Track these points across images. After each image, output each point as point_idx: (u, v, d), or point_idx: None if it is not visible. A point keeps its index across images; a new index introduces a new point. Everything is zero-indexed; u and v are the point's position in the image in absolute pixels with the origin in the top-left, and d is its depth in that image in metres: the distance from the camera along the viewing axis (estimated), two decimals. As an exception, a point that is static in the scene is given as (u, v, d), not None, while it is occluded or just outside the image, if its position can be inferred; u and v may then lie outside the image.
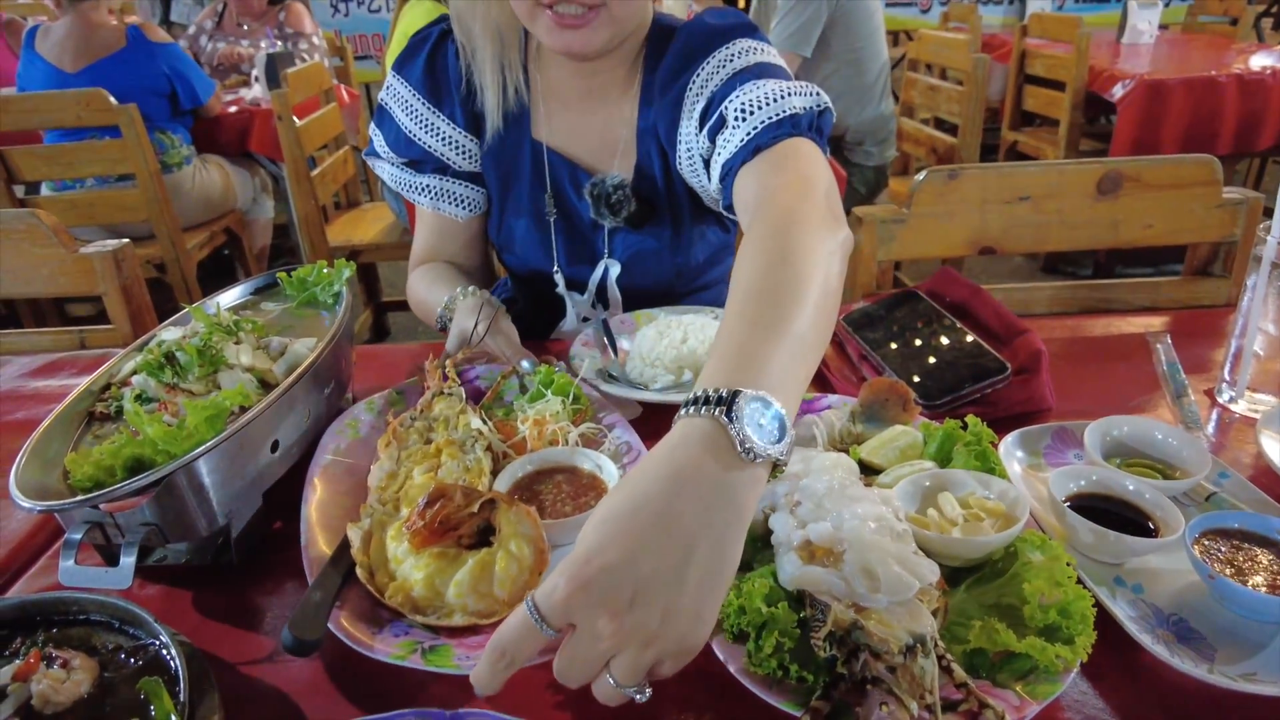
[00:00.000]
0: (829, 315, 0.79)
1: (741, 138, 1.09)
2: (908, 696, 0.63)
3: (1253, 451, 1.07)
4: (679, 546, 0.59)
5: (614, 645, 0.58)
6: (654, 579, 0.58)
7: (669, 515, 0.60)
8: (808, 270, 0.78)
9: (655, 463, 0.64)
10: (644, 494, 0.61)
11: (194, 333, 1.05)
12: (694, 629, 0.59)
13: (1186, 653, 0.74)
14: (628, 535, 0.59)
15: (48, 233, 1.46)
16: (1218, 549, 0.82)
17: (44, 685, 0.71)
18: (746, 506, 0.63)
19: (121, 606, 0.80)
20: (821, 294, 0.78)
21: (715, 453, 0.63)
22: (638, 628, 0.57)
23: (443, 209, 1.42)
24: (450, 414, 0.99)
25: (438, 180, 1.40)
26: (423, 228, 1.48)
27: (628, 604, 0.57)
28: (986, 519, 0.83)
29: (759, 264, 0.80)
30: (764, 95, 1.11)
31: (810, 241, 0.83)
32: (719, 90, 1.18)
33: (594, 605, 0.58)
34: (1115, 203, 1.49)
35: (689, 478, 0.62)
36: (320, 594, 0.80)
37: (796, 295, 0.75)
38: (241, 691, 0.78)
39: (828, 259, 0.82)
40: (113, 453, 0.84)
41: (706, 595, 0.60)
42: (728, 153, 1.12)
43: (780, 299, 0.75)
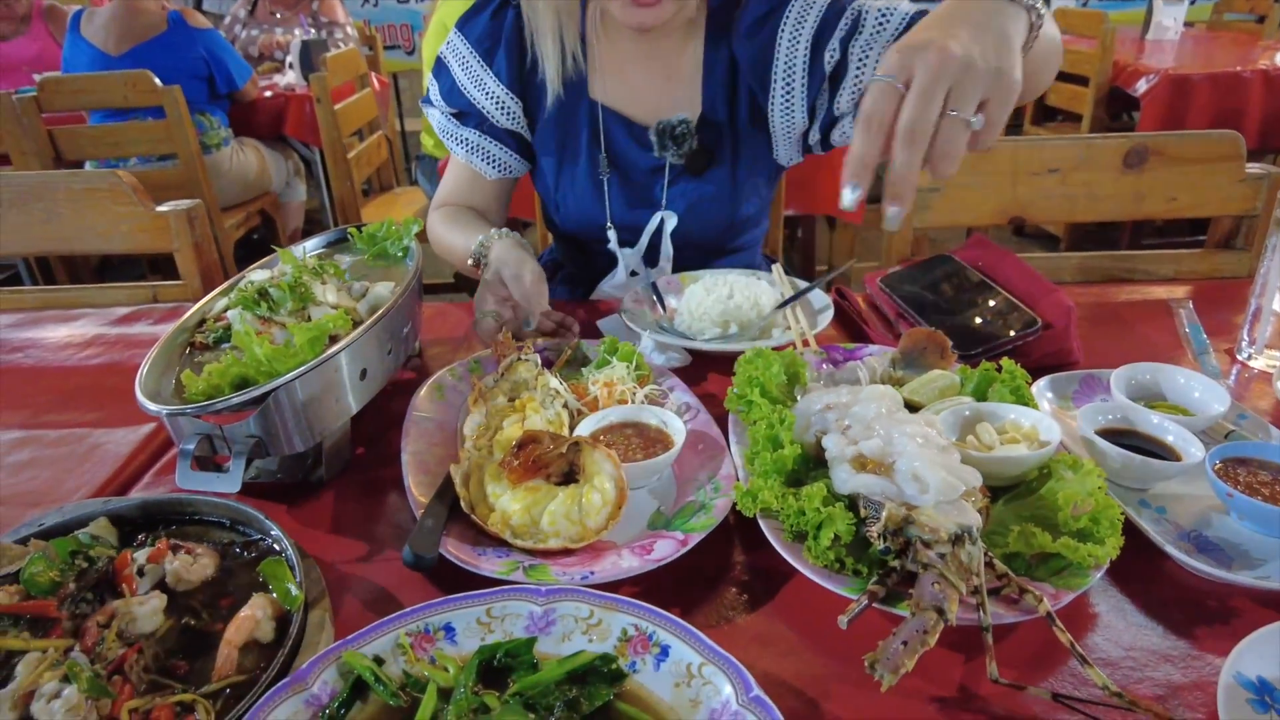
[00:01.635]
0: (1050, 34, 1.04)
1: (895, 28, 1.27)
2: (957, 578, 0.71)
3: (1271, 402, 1.13)
4: (978, 26, 0.81)
5: (955, 74, 0.77)
6: (966, 38, 0.78)
7: (968, 13, 0.83)
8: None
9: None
10: (948, 6, 0.85)
11: (283, 273, 1.13)
12: (1005, 69, 0.80)
13: (1206, 559, 0.81)
14: (941, 22, 0.82)
15: (129, 192, 1.55)
16: (1236, 474, 0.89)
17: (176, 565, 0.79)
18: (1015, 30, 0.85)
19: (234, 506, 0.88)
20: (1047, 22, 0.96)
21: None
22: (963, 62, 0.77)
23: (474, 163, 1.52)
24: (529, 376, 1.08)
25: (477, 135, 1.50)
26: (452, 175, 1.59)
27: (952, 49, 0.77)
28: (1023, 442, 0.90)
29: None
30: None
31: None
32: (825, 11, 1.32)
33: (924, 50, 0.77)
34: (1141, 176, 1.55)
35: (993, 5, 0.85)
36: (432, 521, 0.88)
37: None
38: (344, 583, 0.86)
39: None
40: (220, 372, 0.93)
41: (1005, 54, 0.81)
42: (883, 43, 1.27)
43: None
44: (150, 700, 0.66)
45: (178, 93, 3.33)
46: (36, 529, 0.85)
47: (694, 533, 0.84)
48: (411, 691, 0.67)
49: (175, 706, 0.67)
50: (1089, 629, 0.77)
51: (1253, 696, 0.65)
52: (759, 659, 0.74)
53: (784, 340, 1.26)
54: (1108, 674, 0.70)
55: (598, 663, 0.68)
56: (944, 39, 0.78)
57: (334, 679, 0.67)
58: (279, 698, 0.65)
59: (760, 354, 1.08)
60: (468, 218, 1.52)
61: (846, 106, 1.35)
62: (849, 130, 1.36)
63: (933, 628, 0.68)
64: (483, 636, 0.72)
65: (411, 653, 0.70)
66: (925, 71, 0.77)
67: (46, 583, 0.74)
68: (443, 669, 0.68)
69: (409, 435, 1.05)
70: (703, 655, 0.67)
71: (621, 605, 0.72)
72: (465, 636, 0.72)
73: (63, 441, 1.12)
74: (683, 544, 0.82)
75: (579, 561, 0.83)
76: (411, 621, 0.72)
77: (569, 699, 0.66)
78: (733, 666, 0.65)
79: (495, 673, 0.69)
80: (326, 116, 3.37)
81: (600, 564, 0.81)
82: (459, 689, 0.66)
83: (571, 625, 0.72)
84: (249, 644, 0.73)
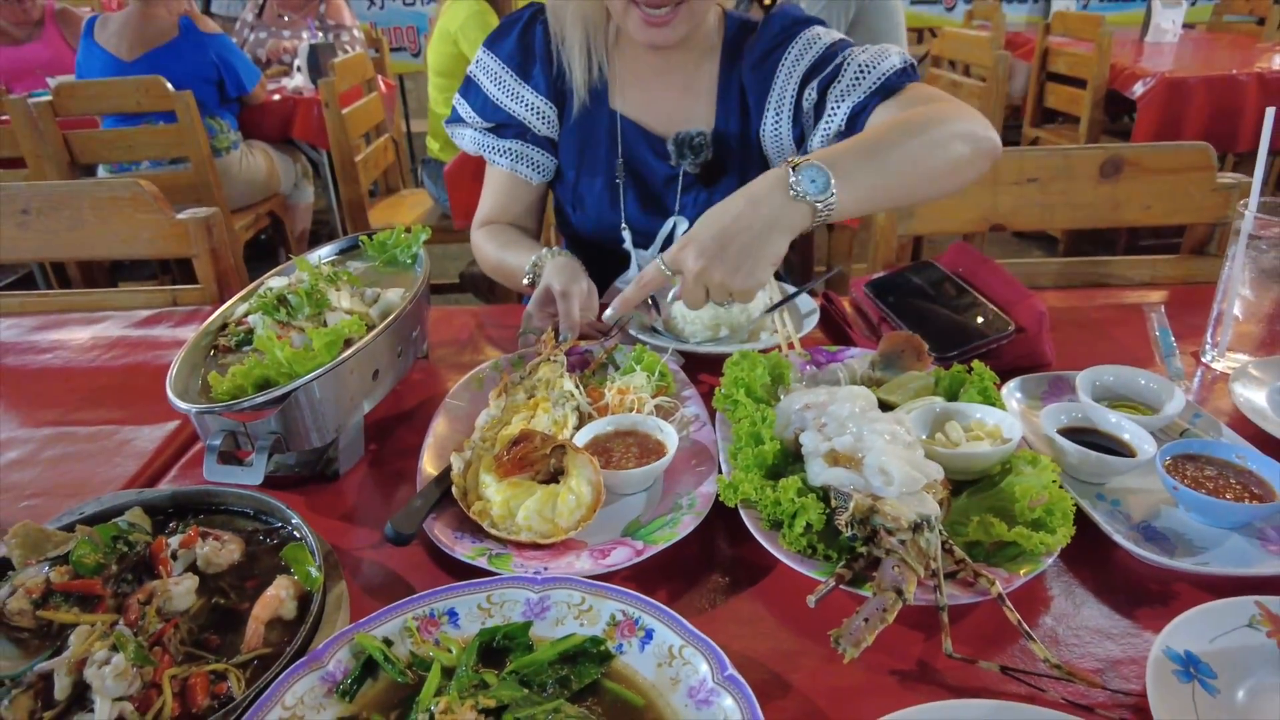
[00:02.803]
0: (923, 160, 1.14)
1: (870, 85, 1.34)
2: (915, 562, 0.78)
3: (1230, 402, 1.20)
4: (744, 229, 1.01)
5: (707, 280, 1.02)
6: (729, 244, 1.00)
7: (740, 213, 1.02)
8: (922, 134, 1.14)
9: (744, 188, 1.05)
10: (730, 202, 1.04)
11: (299, 280, 1.21)
12: (752, 275, 1.02)
13: (1151, 548, 0.88)
14: (715, 222, 1.02)
15: (150, 200, 1.63)
16: (1185, 469, 0.96)
17: (206, 550, 0.87)
18: (788, 225, 1.03)
19: (257, 496, 0.96)
20: (921, 145, 1.13)
21: (779, 187, 1.03)
22: (717, 270, 1.01)
23: (519, 171, 1.60)
24: (551, 377, 1.15)
25: (519, 145, 1.59)
26: (493, 190, 1.66)
27: (713, 255, 1.00)
28: (986, 439, 0.97)
29: (895, 122, 1.18)
30: (877, 52, 1.37)
31: (942, 121, 1.17)
32: (822, 53, 1.42)
33: (695, 256, 1.01)
34: (1117, 186, 1.62)
35: (757, 196, 1.03)
36: (421, 501, 0.96)
37: (896, 138, 1.13)
38: (358, 567, 0.94)
39: (950, 136, 1.16)
40: (244, 373, 1.00)
41: (759, 260, 1.01)
42: (855, 96, 1.36)
43: (880, 136, 1.13)
44: (188, 669, 0.74)
45: (189, 98, 3.41)
46: (78, 517, 0.92)
47: (653, 544, 0.89)
48: (418, 670, 0.75)
49: (210, 675, 0.74)
50: (1041, 610, 0.84)
51: (1178, 668, 0.72)
52: (736, 639, 0.81)
53: (771, 343, 1.33)
54: (1054, 650, 0.78)
55: (587, 644, 0.75)
56: (699, 260, 1.01)
57: (347, 658, 0.75)
58: (298, 674, 0.72)
59: (746, 356, 1.15)
60: (515, 236, 1.60)
61: (817, 147, 1.44)
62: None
63: (891, 606, 0.75)
64: (483, 620, 0.79)
65: (418, 635, 0.77)
66: (687, 282, 1.04)
67: (93, 564, 0.81)
68: (446, 650, 0.76)
69: (437, 419, 1.12)
70: (683, 638, 0.74)
71: (611, 593, 0.79)
72: (467, 621, 0.79)
73: (94, 438, 1.20)
74: (638, 553, 0.88)
75: (540, 556, 0.89)
76: (418, 607, 0.79)
77: (560, 677, 0.73)
78: (709, 648, 0.73)
79: (494, 653, 0.77)
80: (335, 121, 3.45)
81: (557, 562, 0.88)
82: (461, 667, 0.73)
83: (564, 610, 0.79)
84: (274, 620, 0.80)
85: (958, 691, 0.75)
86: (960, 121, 1.19)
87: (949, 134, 1.16)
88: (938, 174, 1.16)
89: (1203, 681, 0.71)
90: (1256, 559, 0.86)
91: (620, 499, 1.00)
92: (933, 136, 1.15)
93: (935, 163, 1.15)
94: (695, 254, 1.01)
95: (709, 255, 1.01)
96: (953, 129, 1.17)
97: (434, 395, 1.27)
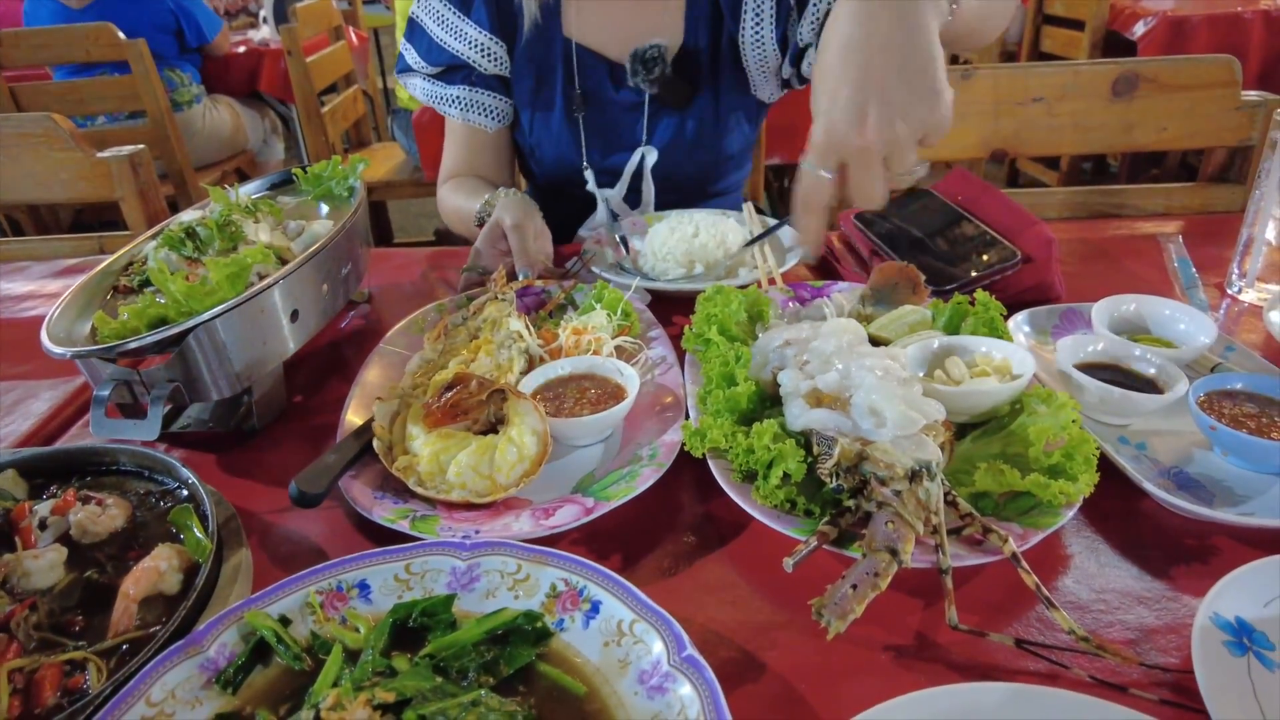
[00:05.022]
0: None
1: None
2: (913, 517, 0.65)
3: (1262, 336, 1.07)
4: (890, 67, 0.74)
5: (888, 135, 0.74)
6: (881, 104, 0.74)
7: (864, 31, 0.75)
8: None
9: (849, 16, 0.77)
10: (839, 28, 0.77)
11: (210, 210, 1.06)
12: (935, 93, 0.75)
13: (1186, 496, 0.75)
14: (846, 61, 0.76)
15: (65, 137, 1.47)
16: (1221, 406, 0.83)
17: (81, 516, 0.74)
18: (932, 31, 0.77)
19: (149, 454, 0.83)
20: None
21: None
22: (886, 142, 0.74)
23: (472, 119, 1.45)
24: (498, 316, 1.01)
25: (467, 91, 1.43)
26: (452, 143, 1.51)
27: (872, 138, 0.74)
28: (993, 375, 0.84)
29: None
30: None
31: None
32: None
33: (851, 118, 0.74)
34: (1130, 105, 1.47)
35: (870, 10, 0.76)
36: (335, 457, 0.83)
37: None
38: (268, 534, 0.81)
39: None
40: (137, 313, 0.86)
41: (925, 88, 0.75)
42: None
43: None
44: (36, 660, 0.61)
45: (143, 46, 3.21)
46: (-64, 482, 0.79)
47: (605, 501, 0.76)
48: (318, 654, 0.62)
49: (64, 665, 0.61)
50: (1060, 571, 0.72)
51: (1229, 638, 0.59)
52: (700, 610, 0.68)
53: (751, 279, 1.20)
54: (1077, 618, 0.65)
55: (521, 621, 0.62)
56: (862, 123, 0.75)
57: (234, 641, 0.62)
58: (170, 661, 0.60)
59: (720, 291, 1.02)
60: (477, 184, 1.46)
61: (808, 36, 1.31)
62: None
63: (884, 570, 0.62)
64: (400, 594, 0.66)
65: (321, 612, 0.64)
66: (857, 166, 0.77)
67: (-72, 536, 0.68)
68: (353, 629, 0.63)
69: (368, 367, 0.99)
70: (635, 611, 0.61)
71: (552, 559, 0.66)
72: (381, 594, 0.66)
73: (-14, 395, 1.07)
74: (587, 512, 0.75)
75: (471, 519, 0.77)
76: (324, 579, 0.66)
77: (485, 661, 0.60)
78: (665, 623, 0.60)
79: (411, 634, 0.64)
80: (298, 69, 3.26)
81: (492, 524, 0.75)
82: (367, 651, 0.61)
83: (497, 581, 0.66)
84: (152, 597, 0.68)
85: (964, 670, 0.62)
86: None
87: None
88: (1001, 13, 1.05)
89: (1259, 654, 0.59)
90: (1309, 507, 0.74)
91: (573, 451, 0.87)
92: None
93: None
94: (850, 116, 0.74)
95: (872, 101, 0.74)
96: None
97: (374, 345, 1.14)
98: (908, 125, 0.74)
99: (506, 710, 0.55)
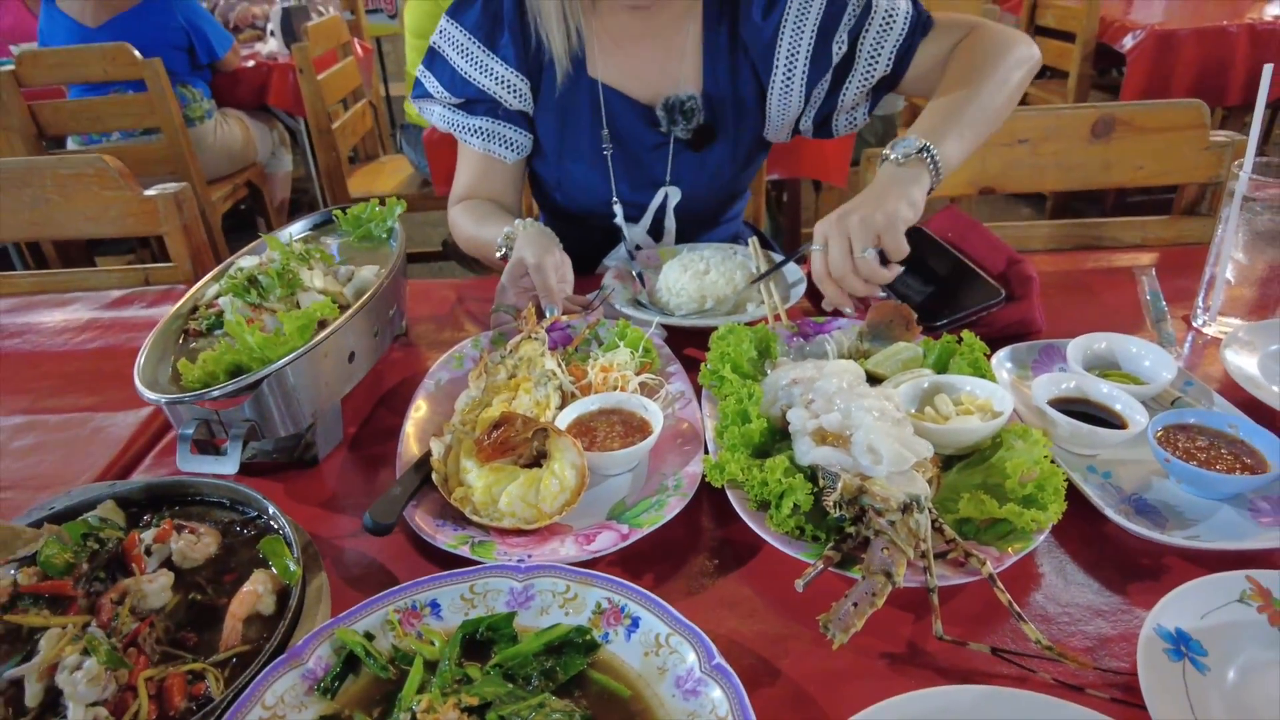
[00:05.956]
0: (997, 107, 1.31)
1: (902, 26, 1.39)
2: (905, 544, 0.76)
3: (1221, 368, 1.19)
4: (880, 194, 1.16)
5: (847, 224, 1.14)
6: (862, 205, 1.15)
7: (878, 189, 1.17)
8: (990, 81, 1.29)
9: (875, 181, 1.20)
10: (865, 192, 1.18)
11: (270, 259, 1.17)
12: (892, 212, 1.13)
13: (1142, 521, 0.87)
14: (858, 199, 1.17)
15: (116, 176, 1.58)
16: (1176, 440, 0.94)
17: (181, 544, 0.85)
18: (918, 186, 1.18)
19: (233, 487, 0.93)
20: (992, 92, 1.29)
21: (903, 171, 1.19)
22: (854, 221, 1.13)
23: (493, 150, 1.53)
24: (533, 355, 1.12)
25: (489, 123, 1.51)
26: (467, 167, 1.58)
27: (848, 219, 1.14)
28: (976, 413, 0.95)
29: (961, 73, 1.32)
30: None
31: (997, 57, 1.31)
32: (826, 4, 1.40)
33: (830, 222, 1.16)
34: (1108, 145, 1.59)
35: (890, 177, 1.18)
36: (400, 489, 0.94)
37: (974, 96, 1.27)
38: (339, 556, 0.92)
39: (1008, 69, 1.31)
40: (215, 359, 0.97)
41: (893, 205, 1.14)
42: (894, 40, 1.40)
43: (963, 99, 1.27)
44: (164, 670, 0.72)
45: (158, 65, 3.31)
46: (47, 512, 0.90)
47: (639, 528, 0.87)
48: (400, 665, 0.73)
49: (187, 675, 0.72)
50: (1032, 587, 0.83)
51: (1168, 646, 0.71)
52: (724, 622, 0.80)
53: (758, 314, 1.31)
54: (1044, 629, 0.77)
55: (573, 634, 0.73)
56: (844, 213, 1.15)
57: (328, 654, 0.73)
58: (277, 672, 0.70)
59: (733, 331, 1.13)
60: (489, 210, 1.53)
61: (854, 98, 1.46)
62: (858, 120, 1.51)
63: (881, 590, 0.74)
64: (466, 612, 0.77)
65: (400, 628, 0.75)
66: (832, 237, 1.15)
67: (62, 564, 0.79)
68: (429, 643, 0.74)
69: (416, 403, 1.10)
70: (670, 626, 0.73)
71: (596, 580, 0.77)
72: (450, 612, 0.77)
73: (65, 426, 1.17)
74: (624, 538, 0.86)
75: (524, 544, 0.88)
76: (400, 599, 0.77)
77: (546, 669, 0.72)
78: (696, 636, 0.71)
79: (478, 645, 0.75)
80: (310, 87, 3.35)
81: (542, 549, 0.86)
82: (444, 661, 0.72)
83: (549, 599, 0.78)
84: (252, 616, 0.79)
85: (948, 674, 0.74)
86: (1009, 50, 1.32)
87: (1007, 69, 1.31)
88: (1007, 110, 1.33)
89: (1193, 659, 0.71)
90: (1248, 532, 0.85)
91: (605, 480, 0.98)
92: (996, 80, 1.29)
93: (1005, 101, 1.31)
94: (834, 217, 1.16)
95: (844, 209, 1.15)
96: (1008, 62, 1.31)
97: (413, 374, 1.25)
98: (865, 218, 1.13)
99: (567, 711, 0.66)
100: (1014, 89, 1.33)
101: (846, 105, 1.48)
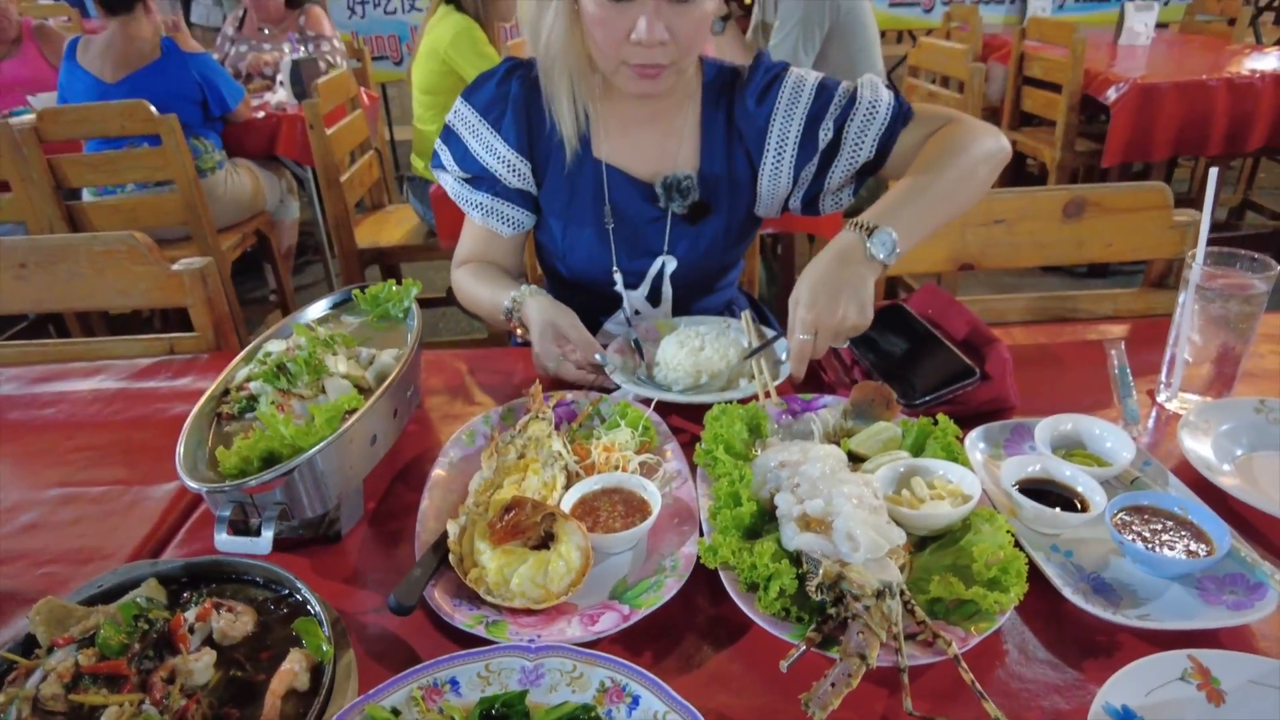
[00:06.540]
0: (959, 194, 1.40)
1: (885, 116, 1.50)
2: (879, 627, 0.85)
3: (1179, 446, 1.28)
4: (840, 290, 1.26)
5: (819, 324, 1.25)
6: (830, 303, 1.25)
7: (829, 270, 1.27)
8: (954, 168, 1.38)
9: (828, 251, 1.29)
10: (823, 268, 1.28)
11: (297, 345, 1.26)
12: (859, 323, 1.27)
13: (1098, 600, 0.95)
14: (812, 279, 1.27)
15: (145, 252, 1.67)
16: (1132, 521, 1.03)
17: (221, 623, 0.93)
18: (868, 279, 1.28)
19: (266, 567, 1.02)
20: (956, 180, 1.38)
21: (856, 249, 1.28)
22: (830, 319, 1.25)
23: (491, 224, 1.67)
24: (540, 436, 1.21)
25: (490, 199, 1.65)
26: (470, 234, 1.73)
27: (819, 305, 1.25)
28: (948, 498, 1.04)
29: (928, 160, 1.41)
30: (868, 84, 1.52)
31: (965, 149, 1.40)
32: (815, 94, 1.53)
33: (805, 309, 1.25)
34: (1080, 224, 1.69)
35: (843, 259, 1.28)
36: (420, 571, 1.02)
37: (936, 180, 1.36)
38: (363, 631, 1.00)
39: (974, 162, 1.40)
40: (250, 446, 1.06)
41: (861, 306, 1.26)
42: (877, 129, 1.51)
43: (924, 183, 1.36)
44: (211, 746, 0.80)
45: (174, 121, 3.43)
46: (97, 590, 0.98)
47: (638, 609, 0.95)
48: (425, 738, 0.81)
49: (231, 750, 0.80)
50: (996, 664, 0.91)
51: (1114, 724, 0.79)
52: (715, 697, 0.88)
53: (750, 391, 1.40)
54: (1005, 705, 0.85)
55: (579, 712, 0.81)
56: (834, 319, 1.25)
57: (360, 728, 0.81)
58: (317, 744, 0.78)
59: (725, 411, 1.22)
60: (492, 273, 1.67)
61: (840, 181, 1.58)
62: (843, 200, 1.64)
63: (856, 671, 0.82)
64: (482, 689, 0.85)
65: (423, 704, 0.83)
66: (824, 335, 1.27)
67: (117, 645, 0.87)
68: (449, 718, 0.82)
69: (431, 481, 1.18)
70: (667, 704, 0.81)
71: (600, 660, 0.85)
72: (468, 689, 0.85)
73: (103, 499, 1.26)
74: (625, 619, 0.94)
75: (533, 624, 0.96)
76: (423, 676, 0.85)
77: (554, 743, 0.80)
78: (690, 714, 0.79)
79: None
80: (320, 142, 3.48)
81: (550, 629, 0.95)
82: (464, 735, 0.80)
83: (558, 678, 0.86)
84: (289, 693, 0.86)
85: (918, 748, 0.82)
86: (977, 142, 1.41)
87: (973, 160, 1.40)
88: (970, 199, 1.42)
89: (1137, 736, 0.79)
90: (1195, 610, 0.94)
91: (607, 558, 1.07)
92: (961, 168, 1.38)
93: (967, 191, 1.41)
94: (805, 308, 1.25)
95: (817, 306, 1.25)
96: (975, 154, 1.40)
97: (428, 447, 1.33)
98: (847, 323, 1.26)
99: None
100: (980, 180, 1.42)
101: (832, 187, 1.59)
